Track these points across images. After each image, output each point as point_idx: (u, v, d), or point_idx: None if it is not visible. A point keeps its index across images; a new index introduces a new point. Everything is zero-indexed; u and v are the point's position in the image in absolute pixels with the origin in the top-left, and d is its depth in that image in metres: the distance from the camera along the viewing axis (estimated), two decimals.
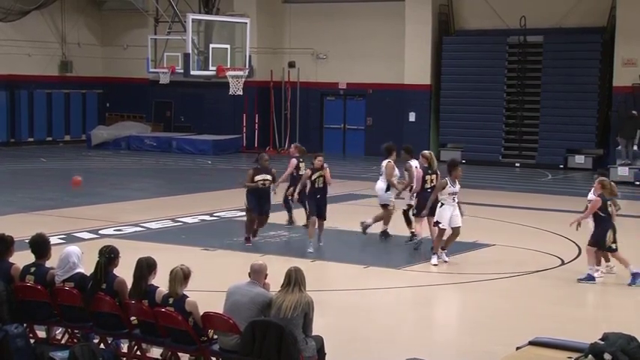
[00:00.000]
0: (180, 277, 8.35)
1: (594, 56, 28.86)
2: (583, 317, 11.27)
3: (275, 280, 8.49)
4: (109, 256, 8.79)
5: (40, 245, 9.25)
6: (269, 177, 15.53)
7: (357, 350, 10.01)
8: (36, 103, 34.95)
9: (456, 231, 14.41)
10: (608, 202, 13.19)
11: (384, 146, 16.37)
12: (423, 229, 15.33)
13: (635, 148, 26.43)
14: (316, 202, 15.20)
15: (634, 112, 26.52)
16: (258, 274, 8.33)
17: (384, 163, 16.15)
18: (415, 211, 15.35)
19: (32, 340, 9.02)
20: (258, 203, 15.42)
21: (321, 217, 15.31)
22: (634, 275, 13.09)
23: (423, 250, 15.28)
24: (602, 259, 13.65)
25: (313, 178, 15.19)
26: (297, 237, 16.61)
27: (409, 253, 15.30)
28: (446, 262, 14.44)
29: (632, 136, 26.48)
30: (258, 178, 15.35)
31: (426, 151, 15.65)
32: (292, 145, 18.38)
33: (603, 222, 13.12)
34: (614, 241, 13.16)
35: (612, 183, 13.66)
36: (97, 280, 8.74)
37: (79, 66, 36.05)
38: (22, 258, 9.53)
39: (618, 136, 26.76)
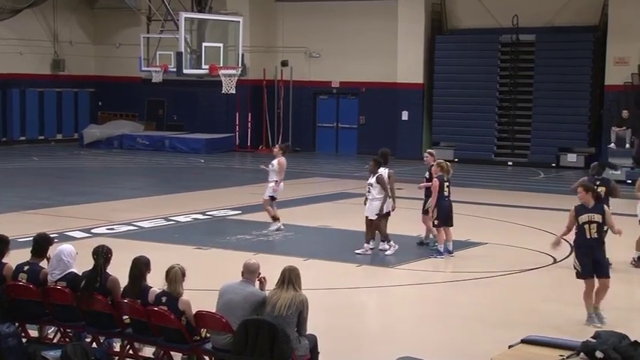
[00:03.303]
0: (180, 276, 8.36)
1: (586, 55, 28.89)
2: (575, 315, 11.28)
3: (269, 279, 8.49)
4: (106, 257, 8.80)
5: (39, 244, 9.26)
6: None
7: (350, 349, 10.01)
8: (28, 102, 34.84)
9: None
10: (446, 183, 14.57)
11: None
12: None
13: (627, 146, 26.40)
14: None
15: (625, 111, 26.53)
16: (251, 273, 8.33)
17: None
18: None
19: (24, 339, 9.00)
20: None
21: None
22: (438, 251, 14.65)
23: (418, 249, 15.29)
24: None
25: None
26: (290, 236, 16.62)
27: (402, 252, 15.28)
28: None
29: None
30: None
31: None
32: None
33: (440, 200, 14.49)
34: (436, 218, 14.60)
35: (448, 163, 14.91)
36: (94, 279, 8.72)
37: (72, 64, 35.97)
38: (14, 256, 9.51)
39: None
